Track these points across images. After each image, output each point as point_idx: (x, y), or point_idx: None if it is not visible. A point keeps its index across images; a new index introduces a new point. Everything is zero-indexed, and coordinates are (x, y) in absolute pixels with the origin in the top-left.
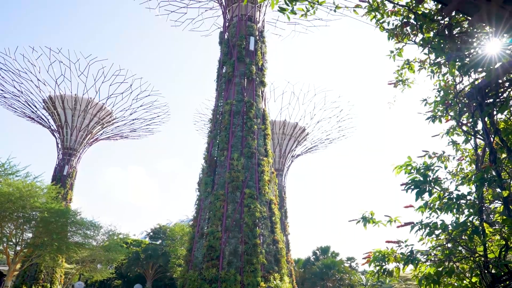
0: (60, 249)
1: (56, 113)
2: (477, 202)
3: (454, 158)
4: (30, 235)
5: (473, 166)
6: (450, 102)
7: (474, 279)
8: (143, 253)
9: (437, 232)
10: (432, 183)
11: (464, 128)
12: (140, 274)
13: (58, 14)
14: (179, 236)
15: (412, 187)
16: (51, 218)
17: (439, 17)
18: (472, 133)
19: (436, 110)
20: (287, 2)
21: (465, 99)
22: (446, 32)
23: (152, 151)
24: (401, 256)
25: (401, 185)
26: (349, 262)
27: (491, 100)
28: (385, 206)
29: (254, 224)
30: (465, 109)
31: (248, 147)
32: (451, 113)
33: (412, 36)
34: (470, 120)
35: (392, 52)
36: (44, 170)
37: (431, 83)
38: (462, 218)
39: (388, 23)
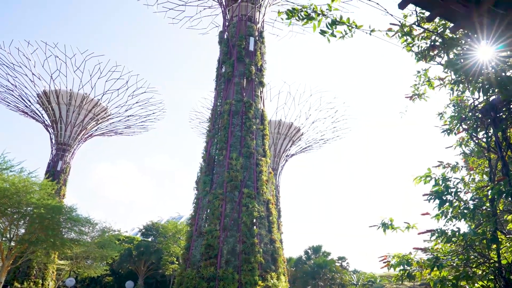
0: (55, 245)
1: (50, 108)
2: (491, 212)
3: (464, 168)
4: (25, 231)
5: (484, 176)
6: (465, 116)
7: (488, 283)
8: (136, 250)
9: (454, 239)
10: (452, 194)
11: (478, 141)
12: (131, 271)
13: (55, 9)
14: (172, 233)
15: (435, 197)
16: (47, 214)
17: (463, 41)
18: (486, 147)
19: (450, 124)
20: (328, 25)
21: (479, 114)
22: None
23: (143, 148)
24: (423, 261)
25: (424, 195)
26: (340, 261)
27: (504, 116)
28: (378, 207)
29: (252, 223)
30: (478, 123)
31: (246, 147)
32: (464, 126)
33: (437, 57)
34: (482, 133)
35: (418, 72)
36: (37, 165)
37: (440, 96)
38: (473, 226)
39: (418, 46)
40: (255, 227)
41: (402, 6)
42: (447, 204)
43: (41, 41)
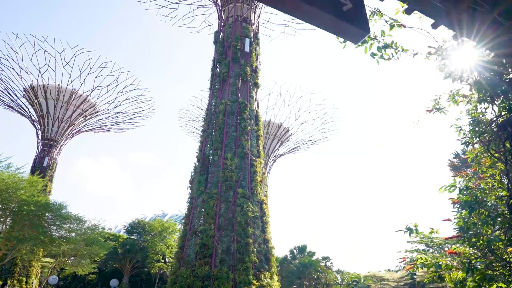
0: (43, 242)
1: (37, 103)
2: (510, 219)
3: (477, 177)
4: (14, 228)
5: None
6: (483, 131)
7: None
8: (121, 247)
9: (478, 244)
10: (480, 204)
11: (493, 154)
12: (116, 269)
13: (45, 2)
14: (158, 231)
15: (464, 206)
16: (37, 211)
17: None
18: (504, 160)
19: (463, 136)
20: (379, 49)
21: (495, 128)
22: (497, 77)
23: (127, 144)
24: (454, 264)
25: (453, 203)
26: (324, 261)
27: None
28: (361, 208)
29: (246, 223)
30: (495, 137)
31: (241, 147)
32: (478, 138)
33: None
34: (499, 147)
35: (451, 91)
36: (22, 161)
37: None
38: (490, 232)
39: (454, 69)
40: (249, 227)
41: None
42: (472, 211)
43: (30, 35)
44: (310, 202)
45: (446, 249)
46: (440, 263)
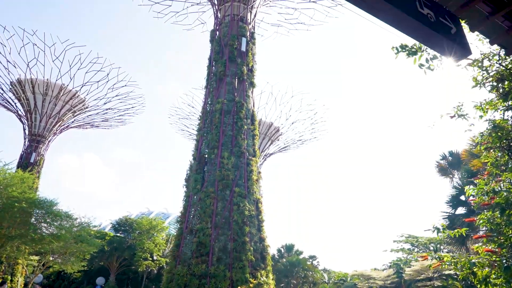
0: (33, 240)
1: (24, 98)
2: None
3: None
4: (2, 225)
5: None
6: (506, 137)
7: None
8: (108, 245)
9: (506, 243)
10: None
11: None
12: (103, 267)
13: None
14: (146, 229)
15: (495, 207)
16: (29, 208)
17: None
18: None
19: (484, 142)
20: (427, 60)
21: None
22: None
23: (112, 140)
24: (490, 262)
25: (483, 205)
26: (311, 260)
27: None
28: (346, 208)
29: (243, 222)
30: None
31: (238, 146)
32: (499, 143)
33: (499, 88)
34: None
35: (485, 99)
36: (6, 156)
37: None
38: (511, 232)
39: (492, 81)
40: (246, 225)
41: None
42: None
43: (19, 27)
44: (297, 201)
45: (431, 248)
46: (473, 261)
